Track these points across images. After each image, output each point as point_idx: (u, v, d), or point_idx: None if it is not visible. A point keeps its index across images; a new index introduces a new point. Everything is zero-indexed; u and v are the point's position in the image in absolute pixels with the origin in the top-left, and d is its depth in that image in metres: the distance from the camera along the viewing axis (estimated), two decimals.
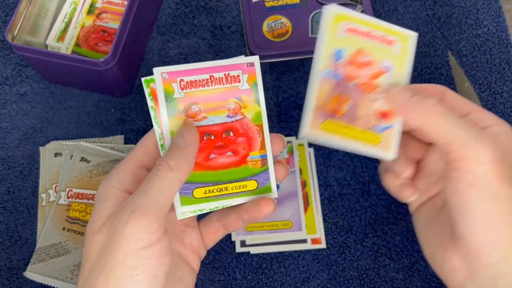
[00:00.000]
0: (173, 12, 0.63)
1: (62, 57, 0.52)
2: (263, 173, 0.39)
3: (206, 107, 0.38)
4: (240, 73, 0.38)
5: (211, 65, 0.38)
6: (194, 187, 0.39)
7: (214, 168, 0.39)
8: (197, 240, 0.41)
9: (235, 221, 0.40)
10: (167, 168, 0.35)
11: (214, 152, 0.39)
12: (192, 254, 0.41)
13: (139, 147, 0.39)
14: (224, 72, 0.38)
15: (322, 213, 0.53)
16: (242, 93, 0.38)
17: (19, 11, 0.53)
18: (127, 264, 0.32)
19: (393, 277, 0.51)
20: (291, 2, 0.61)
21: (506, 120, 0.57)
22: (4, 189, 0.55)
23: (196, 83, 0.38)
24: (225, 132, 0.39)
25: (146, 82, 0.38)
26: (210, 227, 0.41)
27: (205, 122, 0.38)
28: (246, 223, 0.40)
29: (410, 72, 0.39)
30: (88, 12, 0.58)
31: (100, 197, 0.37)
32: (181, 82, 0.38)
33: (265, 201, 0.38)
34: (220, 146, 0.39)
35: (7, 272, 0.52)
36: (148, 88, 0.38)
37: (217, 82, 0.38)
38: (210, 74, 0.38)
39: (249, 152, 0.39)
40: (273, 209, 0.38)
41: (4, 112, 0.58)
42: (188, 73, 0.38)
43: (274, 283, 0.51)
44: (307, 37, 0.59)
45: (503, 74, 0.59)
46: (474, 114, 0.38)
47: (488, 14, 0.62)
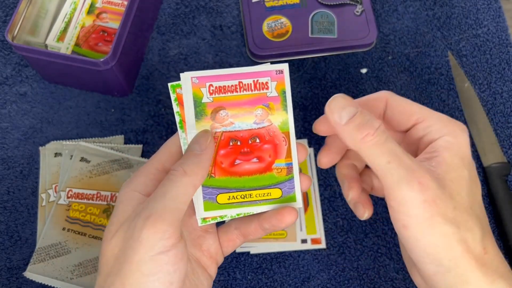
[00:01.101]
0: (173, 12, 0.63)
1: (62, 57, 0.52)
2: (288, 181, 0.39)
3: (234, 113, 0.38)
4: (269, 80, 0.38)
5: (240, 72, 0.38)
6: (218, 192, 0.38)
7: (238, 174, 0.38)
8: (215, 246, 0.41)
9: (255, 229, 0.39)
10: (182, 173, 0.35)
11: (240, 158, 0.38)
12: (209, 260, 0.40)
13: (162, 152, 0.39)
14: (253, 78, 0.38)
15: (322, 213, 0.53)
16: (270, 100, 0.38)
17: (19, 11, 0.53)
18: (142, 270, 0.32)
19: (393, 277, 0.51)
20: (291, 2, 0.61)
21: (506, 120, 0.57)
22: (4, 189, 0.55)
23: (225, 89, 0.38)
24: (251, 139, 0.38)
25: (173, 87, 0.38)
26: (229, 235, 0.41)
27: (232, 127, 0.38)
28: (266, 232, 0.39)
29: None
30: (88, 12, 0.58)
31: (120, 200, 0.37)
32: (210, 87, 0.38)
33: (288, 210, 0.37)
34: (246, 152, 0.38)
35: (7, 272, 0.52)
36: (174, 94, 0.38)
37: (246, 89, 0.38)
38: (239, 80, 0.38)
39: (275, 159, 0.38)
40: (295, 219, 0.37)
41: (4, 112, 0.58)
42: (217, 78, 0.38)
43: (274, 283, 0.51)
44: (307, 37, 0.59)
45: (503, 74, 0.59)
46: (420, 124, 0.37)
47: (488, 14, 0.62)
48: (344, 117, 0.35)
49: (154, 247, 0.32)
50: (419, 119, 0.37)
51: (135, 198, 0.36)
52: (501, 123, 0.57)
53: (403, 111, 0.38)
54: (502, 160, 0.54)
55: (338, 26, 0.60)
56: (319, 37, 0.59)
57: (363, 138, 0.34)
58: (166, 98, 0.59)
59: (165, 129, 0.57)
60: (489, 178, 0.54)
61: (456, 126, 0.37)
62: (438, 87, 0.59)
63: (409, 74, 0.59)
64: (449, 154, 0.35)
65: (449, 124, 0.37)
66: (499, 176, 0.53)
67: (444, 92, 0.59)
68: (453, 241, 0.33)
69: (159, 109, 0.58)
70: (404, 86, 0.59)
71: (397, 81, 0.59)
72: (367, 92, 0.58)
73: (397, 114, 0.38)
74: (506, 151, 0.56)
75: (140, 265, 0.32)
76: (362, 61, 0.60)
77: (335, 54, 0.60)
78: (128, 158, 0.55)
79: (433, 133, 0.37)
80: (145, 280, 0.32)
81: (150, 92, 0.59)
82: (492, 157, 0.55)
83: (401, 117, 0.38)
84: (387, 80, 0.59)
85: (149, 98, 0.59)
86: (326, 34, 0.60)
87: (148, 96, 0.59)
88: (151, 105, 0.58)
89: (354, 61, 0.60)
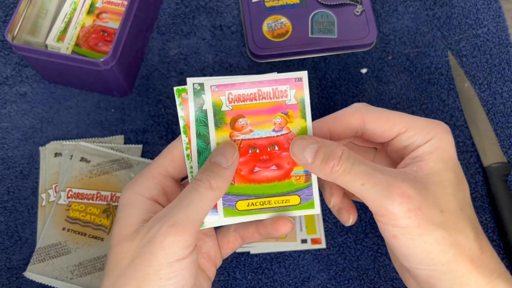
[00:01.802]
0: (173, 12, 0.63)
1: (62, 57, 0.52)
2: (306, 188, 0.39)
3: (253, 121, 0.38)
4: (288, 88, 0.38)
5: (259, 79, 0.38)
6: (238, 199, 0.38)
7: (257, 181, 0.39)
8: (215, 249, 0.41)
9: (253, 234, 0.40)
10: (208, 187, 0.35)
11: (259, 165, 0.38)
12: (208, 263, 0.41)
13: (165, 156, 0.39)
14: (272, 86, 0.38)
15: (322, 213, 0.53)
16: (288, 108, 0.38)
17: (19, 11, 0.53)
18: (160, 274, 0.33)
19: (393, 277, 0.51)
20: (291, 2, 0.61)
21: (506, 120, 0.57)
22: (4, 189, 0.55)
23: (244, 97, 0.38)
24: (270, 146, 0.39)
25: (178, 91, 0.38)
26: (228, 237, 0.42)
27: (251, 135, 0.38)
28: (262, 237, 0.40)
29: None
30: (88, 12, 0.58)
31: (126, 204, 0.37)
32: (230, 96, 0.38)
33: (283, 221, 0.38)
34: (265, 160, 0.38)
35: (7, 272, 0.52)
36: (180, 98, 0.38)
37: (265, 97, 0.38)
38: (258, 88, 0.38)
39: (293, 167, 0.38)
40: (290, 230, 0.38)
41: (4, 112, 0.58)
42: (236, 86, 0.38)
43: (274, 283, 0.51)
44: (307, 37, 0.59)
45: (503, 74, 0.59)
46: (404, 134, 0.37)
47: (488, 14, 0.62)
48: (308, 156, 0.36)
49: (175, 254, 0.33)
50: (402, 129, 0.37)
51: (141, 202, 0.37)
52: (501, 123, 0.57)
53: (383, 124, 0.37)
54: (502, 160, 0.54)
55: (338, 26, 0.60)
56: (319, 37, 0.59)
57: (331, 170, 0.35)
58: (166, 98, 0.59)
59: (165, 129, 0.57)
60: (489, 178, 0.54)
61: (439, 128, 0.36)
62: (438, 87, 0.59)
63: (409, 74, 0.59)
64: (432, 158, 0.35)
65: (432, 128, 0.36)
66: (499, 176, 0.53)
67: (444, 92, 0.59)
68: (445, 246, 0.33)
69: (159, 109, 0.58)
70: (404, 86, 0.59)
71: (397, 81, 0.59)
72: (367, 92, 0.58)
73: (378, 128, 0.38)
74: (506, 151, 0.56)
75: (159, 269, 0.33)
76: (362, 61, 0.60)
77: (335, 54, 0.60)
78: (128, 158, 0.55)
79: (418, 141, 0.36)
80: (162, 284, 0.33)
81: (150, 92, 0.59)
82: (492, 157, 0.55)
83: (383, 130, 0.38)
84: (387, 80, 0.59)
85: (149, 98, 0.59)
86: (326, 34, 0.60)
87: (148, 96, 0.59)
88: (151, 105, 0.58)
89: (354, 61, 0.60)
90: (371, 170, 0.34)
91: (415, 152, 0.36)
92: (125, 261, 0.34)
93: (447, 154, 0.36)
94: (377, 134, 0.38)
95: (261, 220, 0.39)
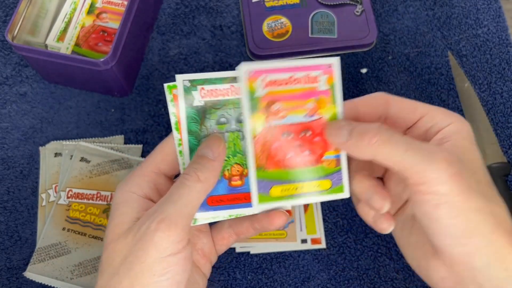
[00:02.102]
0: (173, 12, 0.63)
1: (62, 57, 0.52)
2: (336, 173, 0.39)
3: (286, 106, 0.38)
4: (320, 73, 0.38)
5: (292, 65, 0.38)
6: (272, 185, 0.38)
7: (291, 166, 0.39)
8: (209, 246, 0.41)
9: (247, 229, 0.40)
10: (196, 179, 0.35)
11: (292, 151, 0.39)
12: (203, 259, 0.41)
13: (157, 153, 0.39)
14: (305, 72, 0.38)
15: (322, 213, 0.53)
16: (320, 93, 0.38)
17: (19, 11, 0.53)
18: (153, 271, 0.33)
19: (393, 277, 0.51)
20: (291, 2, 0.61)
21: (506, 120, 0.57)
22: (4, 189, 0.55)
23: (278, 82, 0.38)
24: (302, 132, 0.39)
25: (169, 88, 0.38)
26: (223, 233, 0.42)
27: (284, 121, 0.38)
28: (257, 232, 0.40)
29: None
30: (88, 12, 0.58)
31: (119, 202, 0.37)
32: (264, 81, 0.38)
33: (277, 214, 0.38)
34: (298, 145, 0.39)
35: (7, 272, 0.52)
36: (171, 94, 0.38)
37: (298, 82, 0.38)
38: (291, 73, 0.38)
39: (325, 152, 0.39)
40: (284, 222, 0.38)
41: (4, 112, 0.58)
42: (270, 71, 0.38)
43: (274, 283, 0.51)
44: (307, 37, 0.59)
45: (503, 74, 0.59)
46: (426, 117, 0.38)
47: (488, 14, 0.62)
48: (344, 135, 0.36)
49: (166, 249, 0.33)
50: (423, 112, 0.38)
51: (134, 200, 0.36)
52: (501, 123, 0.57)
53: (406, 107, 0.38)
54: (502, 160, 0.54)
55: (338, 26, 0.60)
56: (319, 37, 0.59)
57: (369, 143, 0.34)
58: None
59: (165, 129, 0.57)
60: None
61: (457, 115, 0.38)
62: (438, 87, 0.59)
63: (409, 74, 0.59)
64: (460, 138, 0.36)
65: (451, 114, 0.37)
66: (499, 176, 0.53)
67: (444, 92, 0.59)
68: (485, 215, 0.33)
69: (159, 109, 0.58)
70: (404, 86, 0.59)
71: (397, 81, 0.59)
72: (367, 92, 0.58)
73: (402, 111, 0.38)
74: (506, 151, 0.56)
75: (152, 266, 0.33)
76: (362, 61, 0.60)
77: (335, 54, 0.60)
78: (128, 158, 0.55)
79: (440, 123, 0.37)
80: (155, 280, 0.33)
81: (150, 92, 0.59)
82: (492, 157, 0.55)
83: (406, 113, 0.38)
84: (387, 80, 0.59)
85: (149, 98, 0.59)
86: (326, 34, 0.60)
87: (148, 96, 0.59)
88: (151, 105, 0.58)
89: (354, 61, 0.60)
90: (410, 140, 0.34)
91: (440, 134, 0.36)
92: (118, 259, 0.34)
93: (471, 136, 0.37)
94: (401, 117, 0.38)
95: (255, 215, 0.39)
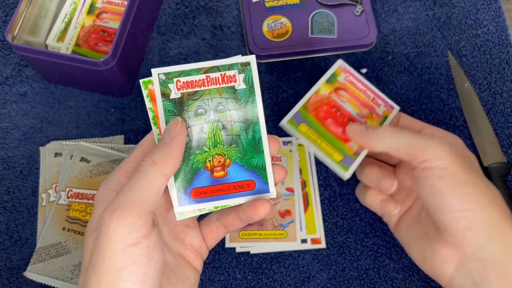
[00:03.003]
0: (173, 12, 0.63)
1: (62, 57, 0.52)
2: (351, 158, 0.49)
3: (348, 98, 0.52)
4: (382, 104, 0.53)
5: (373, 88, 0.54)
6: (303, 121, 0.50)
7: (325, 125, 0.50)
8: (198, 240, 0.41)
9: (234, 220, 0.40)
10: (151, 163, 0.34)
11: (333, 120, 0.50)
12: (193, 254, 0.41)
13: (137, 150, 0.39)
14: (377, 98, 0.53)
15: (322, 213, 0.53)
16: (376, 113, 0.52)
17: (19, 11, 0.53)
18: (114, 264, 0.32)
19: (393, 277, 0.51)
20: (291, 2, 0.61)
21: (506, 120, 0.57)
22: (4, 189, 0.55)
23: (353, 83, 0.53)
24: (347, 118, 0.51)
25: (144, 83, 0.38)
26: (211, 227, 0.41)
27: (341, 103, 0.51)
28: (245, 222, 0.40)
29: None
30: (88, 12, 0.58)
31: (98, 200, 0.37)
32: (345, 74, 0.53)
33: (261, 202, 0.38)
34: (338, 121, 0.50)
35: (7, 272, 0.52)
36: (146, 90, 0.38)
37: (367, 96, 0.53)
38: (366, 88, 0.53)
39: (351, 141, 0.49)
40: (268, 211, 0.38)
41: (4, 112, 0.58)
42: (351, 74, 0.53)
43: (274, 283, 0.51)
44: (307, 37, 0.59)
45: (503, 74, 0.59)
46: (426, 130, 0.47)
47: (488, 14, 0.62)
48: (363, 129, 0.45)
49: (124, 240, 0.32)
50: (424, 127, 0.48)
51: (111, 196, 0.36)
52: (501, 123, 0.57)
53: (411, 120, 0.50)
54: (502, 160, 0.54)
55: (338, 26, 0.60)
56: (319, 37, 0.59)
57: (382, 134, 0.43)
58: None
59: None
60: (489, 178, 0.54)
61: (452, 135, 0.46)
62: (438, 87, 0.59)
63: (409, 74, 0.59)
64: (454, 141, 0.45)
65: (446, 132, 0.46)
66: (499, 176, 0.53)
67: (444, 92, 0.59)
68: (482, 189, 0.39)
69: None
70: (404, 86, 0.59)
71: (397, 81, 0.59)
72: None
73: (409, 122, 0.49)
74: (506, 151, 0.56)
75: (112, 259, 0.32)
76: (362, 61, 0.60)
77: (335, 54, 0.60)
78: None
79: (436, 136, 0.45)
80: (118, 274, 0.32)
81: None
82: (492, 157, 0.55)
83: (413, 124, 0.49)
84: (387, 80, 0.59)
85: None
86: (326, 34, 0.60)
87: None
88: None
89: (354, 61, 0.60)
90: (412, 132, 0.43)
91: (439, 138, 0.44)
92: (88, 256, 0.34)
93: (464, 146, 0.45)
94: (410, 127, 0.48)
95: (240, 205, 0.39)
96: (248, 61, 0.39)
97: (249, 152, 0.39)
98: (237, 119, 0.39)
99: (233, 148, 0.39)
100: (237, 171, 0.39)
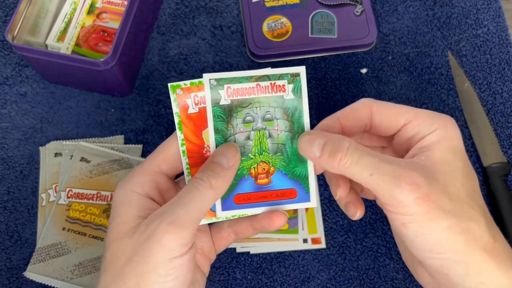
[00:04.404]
0: (173, 12, 0.63)
1: (62, 57, 0.52)
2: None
3: None
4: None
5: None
6: None
7: None
8: (209, 244, 0.41)
9: (246, 229, 0.40)
10: (209, 186, 0.35)
11: None
12: (203, 258, 0.41)
13: (158, 153, 0.38)
14: None
15: (322, 213, 0.53)
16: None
17: (19, 11, 0.53)
18: (159, 271, 0.33)
19: (393, 277, 0.51)
20: (291, 2, 0.61)
21: (506, 120, 0.57)
22: (4, 189, 0.55)
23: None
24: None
25: (173, 88, 0.38)
26: (222, 233, 0.42)
27: None
28: (257, 232, 0.40)
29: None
30: (88, 12, 0.58)
31: (120, 201, 0.37)
32: None
33: (278, 214, 0.38)
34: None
35: (7, 272, 0.52)
36: (174, 94, 0.38)
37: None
38: None
39: None
40: (284, 224, 0.38)
41: (4, 112, 0.58)
42: None
43: (274, 283, 0.51)
44: (307, 37, 0.59)
45: (503, 74, 0.59)
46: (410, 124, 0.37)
47: (488, 14, 0.62)
48: (316, 151, 0.36)
49: (173, 252, 0.33)
50: (408, 119, 0.37)
51: (135, 199, 0.36)
52: (501, 123, 0.57)
53: (390, 114, 0.38)
54: (502, 160, 0.54)
55: (338, 26, 0.60)
56: (319, 37, 0.59)
57: (338, 163, 0.35)
58: (166, 98, 0.59)
59: (165, 129, 0.57)
60: (489, 178, 0.54)
61: (445, 120, 0.36)
62: (438, 87, 0.59)
63: (409, 74, 0.59)
64: (440, 147, 0.35)
65: (438, 119, 0.36)
66: (499, 176, 0.53)
67: (444, 92, 0.59)
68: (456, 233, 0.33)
69: (159, 109, 0.58)
70: (404, 86, 0.59)
71: (397, 81, 0.59)
72: (367, 92, 0.58)
73: (385, 119, 0.38)
74: (506, 151, 0.56)
75: (157, 267, 0.33)
76: (362, 61, 0.60)
77: (335, 54, 0.60)
78: (128, 158, 0.55)
79: (424, 130, 0.36)
80: (161, 281, 0.33)
81: (150, 92, 0.59)
82: (492, 157, 0.55)
83: (389, 121, 0.38)
84: (387, 80, 0.59)
85: (149, 98, 0.59)
86: (326, 34, 0.60)
87: (148, 96, 0.59)
88: (151, 105, 0.58)
89: (354, 61, 0.60)
90: (378, 161, 0.34)
91: (422, 142, 0.36)
92: (123, 258, 0.34)
93: (454, 144, 0.36)
94: (384, 126, 0.38)
95: (255, 215, 0.39)
96: (298, 72, 0.39)
97: (293, 161, 0.39)
98: (283, 128, 0.39)
99: (278, 157, 0.39)
100: (281, 179, 0.39)
